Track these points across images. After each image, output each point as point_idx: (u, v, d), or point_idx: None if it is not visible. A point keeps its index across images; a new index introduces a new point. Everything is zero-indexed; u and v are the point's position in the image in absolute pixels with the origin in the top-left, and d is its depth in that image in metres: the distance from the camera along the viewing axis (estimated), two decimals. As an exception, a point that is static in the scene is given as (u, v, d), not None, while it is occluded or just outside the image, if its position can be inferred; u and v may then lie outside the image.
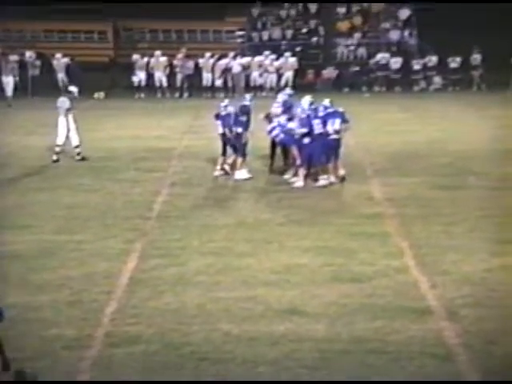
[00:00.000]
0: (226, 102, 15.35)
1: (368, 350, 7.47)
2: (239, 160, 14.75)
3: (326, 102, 14.76)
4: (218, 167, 15.01)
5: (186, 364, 7.30)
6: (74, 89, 17.04)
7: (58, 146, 16.52)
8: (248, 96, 15.90)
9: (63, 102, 16.62)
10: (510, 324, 8.01)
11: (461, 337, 7.73)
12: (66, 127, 16.46)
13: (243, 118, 14.73)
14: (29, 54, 28.58)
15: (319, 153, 14.12)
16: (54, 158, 16.46)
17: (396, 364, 7.24)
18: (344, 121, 14.57)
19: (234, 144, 14.77)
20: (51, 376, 7.00)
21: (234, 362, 7.30)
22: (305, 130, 13.96)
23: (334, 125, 14.37)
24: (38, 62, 28.88)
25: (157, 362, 7.32)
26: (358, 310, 8.41)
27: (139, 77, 28.66)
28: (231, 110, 14.85)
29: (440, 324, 8.06)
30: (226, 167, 14.93)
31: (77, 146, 16.52)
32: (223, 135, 14.88)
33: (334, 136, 14.39)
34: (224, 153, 14.97)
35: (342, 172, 14.48)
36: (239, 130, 14.66)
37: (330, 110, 14.56)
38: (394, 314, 8.28)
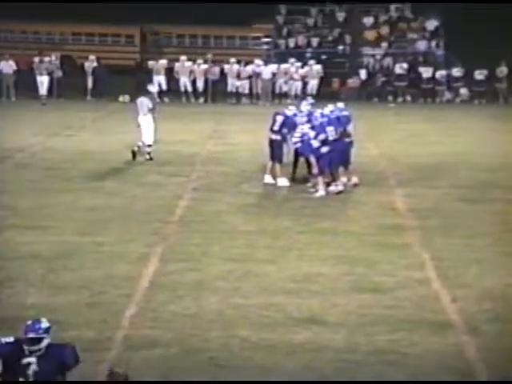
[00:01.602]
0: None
1: (386, 362, 7.42)
2: (277, 167, 14.79)
3: (341, 105, 15.21)
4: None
5: (204, 370, 7.28)
6: (152, 89, 17.49)
7: (148, 146, 16.87)
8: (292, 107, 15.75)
9: (143, 101, 17.02)
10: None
11: (481, 352, 7.65)
12: (149, 125, 16.86)
13: (285, 129, 14.78)
14: (54, 57, 28.70)
15: (338, 158, 14.15)
16: (147, 157, 16.84)
17: (414, 378, 7.17)
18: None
19: (272, 150, 14.88)
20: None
21: (252, 370, 7.27)
22: (323, 136, 13.99)
23: (350, 127, 14.81)
24: (58, 63, 29.00)
25: (174, 367, 7.31)
26: (377, 320, 8.35)
27: (157, 82, 27.96)
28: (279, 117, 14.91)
29: (460, 338, 7.98)
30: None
31: (149, 145, 16.91)
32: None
33: (351, 138, 14.61)
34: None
35: (355, 179, 14.61)
36: (278, 137, 14.74)
37: (345, 113, 14.96)
38: (414, 326, 8.21)
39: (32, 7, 36.39)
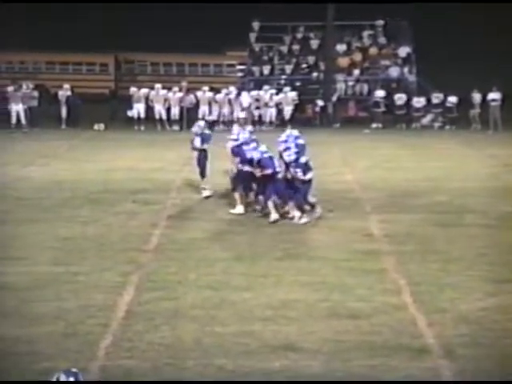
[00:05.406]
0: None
1: (364, 388, 7.41)
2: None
3: (295, 132, 15.08)
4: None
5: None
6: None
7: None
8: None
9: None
10: (506, 364, 7.95)
11: (458, 376, 7.67)
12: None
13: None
14: (25, 86, 28.51)
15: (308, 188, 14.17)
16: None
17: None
18: None
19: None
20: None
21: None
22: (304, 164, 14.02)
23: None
24: (36, 93, 28.87)
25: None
26: (354, 346, 8.34)
27: (136, 110, 28.66)
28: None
29: (437, 362, 8.00)
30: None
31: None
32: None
33: None
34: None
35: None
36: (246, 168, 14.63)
37: (301, 141, 14.87)
38: (392, 351, 8.21)
39: (4, 36, 36.36)
